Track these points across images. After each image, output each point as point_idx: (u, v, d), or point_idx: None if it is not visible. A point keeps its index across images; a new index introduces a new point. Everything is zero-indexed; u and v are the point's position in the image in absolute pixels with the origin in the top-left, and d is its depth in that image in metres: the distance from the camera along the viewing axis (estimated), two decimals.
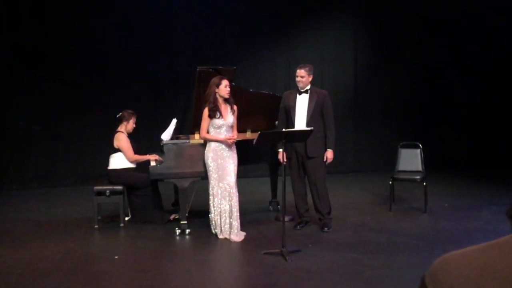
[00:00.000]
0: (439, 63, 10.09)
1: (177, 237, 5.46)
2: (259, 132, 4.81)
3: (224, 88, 5.27)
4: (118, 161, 5.99)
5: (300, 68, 5.52)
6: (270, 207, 6.73)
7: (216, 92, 5.27)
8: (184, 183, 5.51)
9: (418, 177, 6.36)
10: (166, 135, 5.79)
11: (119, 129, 6.09)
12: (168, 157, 5.54)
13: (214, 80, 5.31)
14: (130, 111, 6.18)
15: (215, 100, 5.28)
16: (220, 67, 5.87)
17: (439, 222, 5.95)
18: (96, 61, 8.88)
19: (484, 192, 7.63)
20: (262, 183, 7.72)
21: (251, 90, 6.36)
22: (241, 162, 5.46)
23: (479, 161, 9.93)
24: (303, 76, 5.47)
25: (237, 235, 5.26)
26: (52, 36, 8.71)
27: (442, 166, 9.52)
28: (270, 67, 9.75)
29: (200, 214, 5.99)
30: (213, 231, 5.38)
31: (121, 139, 5.98)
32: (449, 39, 10.03)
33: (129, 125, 6.12)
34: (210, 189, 5.31)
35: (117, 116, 6.14)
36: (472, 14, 9.89)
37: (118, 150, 5.99)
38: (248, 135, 6.30)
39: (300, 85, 5.52)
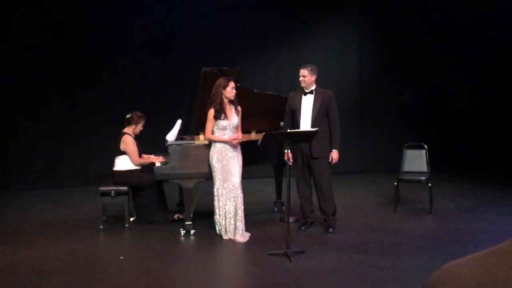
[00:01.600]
0: (444, 64, 10.06)
1: (182, 238, 5.47)
2: (264, 132, 4.81)
3: (230, 90, 5.27)
4: (124, 163, 6.00)
5: (303, 67, 5.53)
6: (275, 208, 6.73)
7: (222, 94, 5.28)
8: (189, 184, 5.52)
9: (423, 178, 6.34)
10: (171, 136, 5.81)
11: (126, 130, 6.07)
12: (173, 158, 5.55)
13: (221, 81, 5.31)
14: (139, 113, 6.15)
15: (221, 102, 5.28)
16: (224, 68, 5.87)
17: (444, 223, 5.93)
18: (101, 62, 8.91)
19: (489, 193, 7.60)
20: (267, 184, 7.72)
21: (255, 90, 6.36)
22: (245, 163, 5.46)
23: (484, 162, 9.89)
24: (305, 76, 5.47)
25: (242, 236, 5.26)
26: (57, 36, 8.75)
27: (447, 167, 9.49)
28: (275, 68, 9.75)
29: (205, 215, 6.00)
30: (217, 231, 5.38)
31: (128, 142, 5.98)
32: (454, 40, 10.00)
33: (137, 128, 6.11)
34: (215, 190, 5.32)
35: (126, 117, 6.13)
36: (477, 14, 9.86)
37: (123, 152, 5.99)
38: (253, 135, 6.30)
39: (302, 84, 5.52)
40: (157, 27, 9.09)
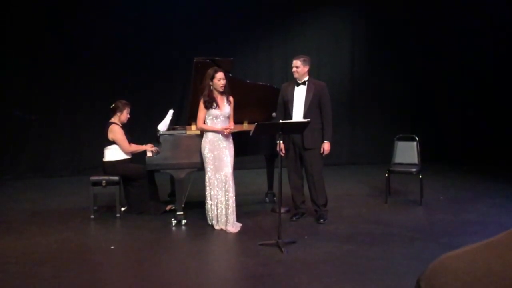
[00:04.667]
0: (436, 55, 10.09)
1: (173, 228, 5.47)
2: (256, 123, 4.80)
3: (217, 82, 5.23)
4: (113, 153, 5.97)
5: (296, 58, 5.53)
6: (267, 198, 6.74)
7: (210, 85, 5.26)
8: (181, 174, 5.51)
9: (414, 169, 6.38)
10: (163, 126, 5.79)
11: (112, 120, 6.05)
12: (165, 148, 5.53)
13: (209, 72, 5.29)
14: (124, 101, 6.13)
15: (210, 93, 5.26)
16: (217, 58, 5.84)
17: (435, 214, 5.97)
18: (93, 51, 8.85)
19: (479, 185, 7.66)
20: (259, 175, 7.73)
21: (248, 81, 6.34)
22: (237, 154, 5.46)
23: (474, 154, 9.96)
24: (298, 67, 5.46)
25: (233, 226, 5.28)
26: (49, 26, 8.67)
27: (438, 159, 9.55)
28: (268, 58, 9.73)
29: (197, 205, 6.00)
30: (209, 222, 5.38)
31: (116, 131, 5.95)
32: (446, 32, 10.01)
33: (123, 115, 6.08)
34: (207, 180, 5.31)
35: (111, 107, 6.11)
36: (471, 5, 9.86)
37: (112, 142, 5.96)
38: (245, 126, 6.30)
39: (295, 75, 5.51)
40: (149, 17, 9.03)
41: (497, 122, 10.04)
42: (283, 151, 5.38)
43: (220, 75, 5.25)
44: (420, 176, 6.33)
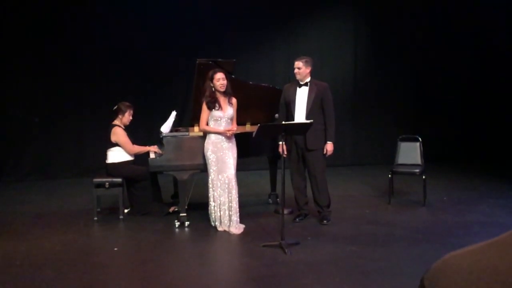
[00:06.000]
0: (439, 56, 10.07)
1: (177, 230, 5.47)
2: (258, 124, 4.80)
3: (217, 82, 5.24)
4: (116, 155, 5.98)
5: (298, 59, 5.52)
6: (270, 200, 6.73)
7: (211, 86, 5.26)
8: (184, 176, 5.51)
9: (417, 170, 6.36)
10: (166, 128, 5.80)
11: (115, 122, 6.06)
12: (168, 150, 5.54)
13: (209, 73, 5.30)
14: (126, 103, 6.14)
15: (212, 93, 5.26)
16: (219, 59, 5.85)
17: (438, 215, 5.96)
18: (95, 53, 8.85)
19: (483, 185, 7.64)
20: (262, 176, 7.72)
21: (250, 82, 6.34)
22: (240, 155, 5.46)
23: (478, 154, 9.94)
24: (300, 68, 5.46)
25: (236, 228, 5.27)
26: (51, 27, 8.68)
27: (441, 159, 9.53)
28: (270, 59, 9.73)
29: (200, 207, 5.99)
30: (212, 223, 5.38)
31: (118, 133, 5.96)
32: (449, 32, 10.00)
33: (125, 118, 6.08)
34: (210, 181, 5.31)
35: (114, 109, 6.12)
36: (472, 6, 9.86)
37: (115, 144, 5.97)
38: (248, 127, 6.30)
39: (297, 76, 5.51)
40: (151, 18, 9.04)
41: (501, 122, 10.02)
42: (285, 152, 5.38)
43: (219, 75, 5.25)
44: (424, 177, 6.31)
